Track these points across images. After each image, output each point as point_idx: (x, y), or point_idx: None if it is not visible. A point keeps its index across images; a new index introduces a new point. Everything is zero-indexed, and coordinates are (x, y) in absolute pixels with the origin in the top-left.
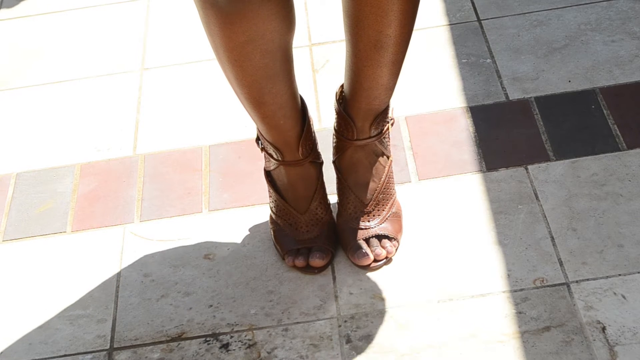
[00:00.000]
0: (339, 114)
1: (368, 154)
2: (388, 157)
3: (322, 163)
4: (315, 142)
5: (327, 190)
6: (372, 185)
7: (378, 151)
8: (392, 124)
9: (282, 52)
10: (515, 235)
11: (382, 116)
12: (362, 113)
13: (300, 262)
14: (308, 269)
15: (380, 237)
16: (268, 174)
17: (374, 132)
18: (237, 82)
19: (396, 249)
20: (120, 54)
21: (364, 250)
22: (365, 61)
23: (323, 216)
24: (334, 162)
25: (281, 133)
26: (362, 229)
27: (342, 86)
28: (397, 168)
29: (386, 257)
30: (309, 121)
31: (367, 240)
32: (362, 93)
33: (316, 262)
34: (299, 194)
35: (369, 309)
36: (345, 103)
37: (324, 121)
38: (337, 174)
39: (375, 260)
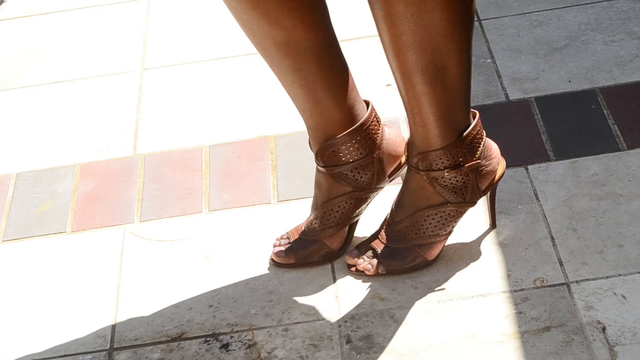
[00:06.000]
0: None
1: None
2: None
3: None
4: (342, 161)
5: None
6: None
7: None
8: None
9: (286, 49)
10: (515, 236)
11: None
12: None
13: (273, 249)
14: (273, 260)
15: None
16: None
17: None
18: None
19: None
20: (120, 54)
21: (355, 252)
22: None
23: (312, 228)
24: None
25: (306, 125)
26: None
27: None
28: None
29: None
30: (335, 140)
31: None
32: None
33: (273, 255)
34: (315, 193)
35: (369, 309)
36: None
37: None
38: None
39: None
